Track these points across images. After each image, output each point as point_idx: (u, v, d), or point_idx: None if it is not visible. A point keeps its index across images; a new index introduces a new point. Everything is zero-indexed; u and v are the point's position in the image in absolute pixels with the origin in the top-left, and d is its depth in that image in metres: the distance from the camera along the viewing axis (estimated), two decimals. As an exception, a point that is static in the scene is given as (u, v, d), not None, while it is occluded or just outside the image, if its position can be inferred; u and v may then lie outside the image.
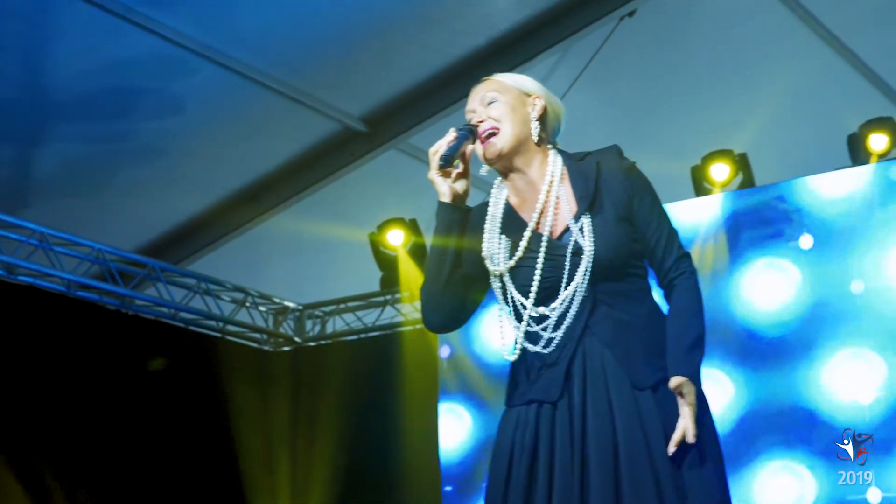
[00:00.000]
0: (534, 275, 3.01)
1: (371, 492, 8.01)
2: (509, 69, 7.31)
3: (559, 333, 2.99)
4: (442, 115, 7.73)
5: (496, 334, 3.13)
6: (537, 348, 3.01)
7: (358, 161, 8.05)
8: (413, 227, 7.95)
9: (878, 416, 5.95)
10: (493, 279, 3.08)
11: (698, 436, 2.90)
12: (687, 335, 2.97)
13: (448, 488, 7.09)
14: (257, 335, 8.73)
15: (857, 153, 6.76)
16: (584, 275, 2.97)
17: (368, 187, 8.27)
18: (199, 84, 7.21)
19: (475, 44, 7.42)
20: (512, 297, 3.04)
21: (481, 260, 3.09)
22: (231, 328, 8.50)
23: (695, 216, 6.64)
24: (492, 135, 3.09)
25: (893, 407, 5.94)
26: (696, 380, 2.94)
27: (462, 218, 3.10)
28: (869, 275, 6.09)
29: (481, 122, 3.11)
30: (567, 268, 2.98)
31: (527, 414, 3.02)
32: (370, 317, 8.53)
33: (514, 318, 3.05)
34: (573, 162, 3.11)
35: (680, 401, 2.92)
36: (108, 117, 7.31)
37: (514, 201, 3.13)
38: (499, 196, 3.16)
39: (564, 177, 3.09)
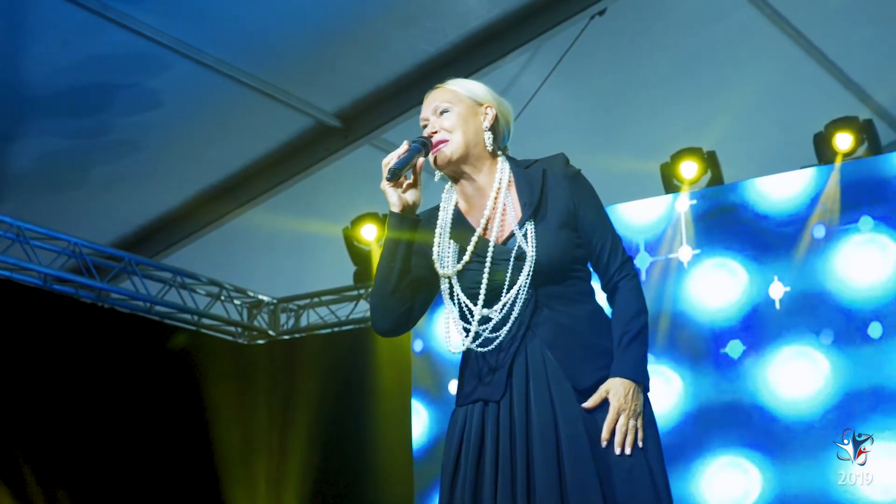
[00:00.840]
0: (480, 278, 3.10)
1: (345, 484, 8.04)
2: (482, 67, 7.47)
3: (501, 334, 3.08)
4: (415, 111, 7.57)
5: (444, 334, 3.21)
6: (481, 349, 3.10)
7: (332, 156, 8.10)
8: (386, 221, 7.95)
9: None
10: (441, 281, 3.16)
11: (642, 438, 3.02)
12: (626, 335, 3.08)
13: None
14: (232, 328, 8.76)
15: (822, 152, 6.82)
16: (527, 278, 3.06)
17: (343, 183, 8.31)
18: (174, 80, 7.23)
19: (449, 41, 7.47)
20: (459, 299, 3.12)
21: (430, 263, 3.17)
22: (206, 321, 8.53)
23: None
24: (442, 142, 3.15)
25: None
26: (635, 378, 3.05)
27: (411, 227, 3.15)
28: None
29: (434, 133, 3.16)
30: (510, 271, 3.07)
31: (473, 412, 3.11)
32: (344, 310, 8.56)
33: (460, 319, 3.13)
34: (520, 169, 3.19)
35: (609, 396, 3.02)
36: (84, 112, 7.33)
37: (462, 206, 3.20)
38: (448, 201, 3.23)
39: (511, 184, 3.17)
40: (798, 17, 7.50)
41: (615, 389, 3.02)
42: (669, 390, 6.49)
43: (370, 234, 8.00)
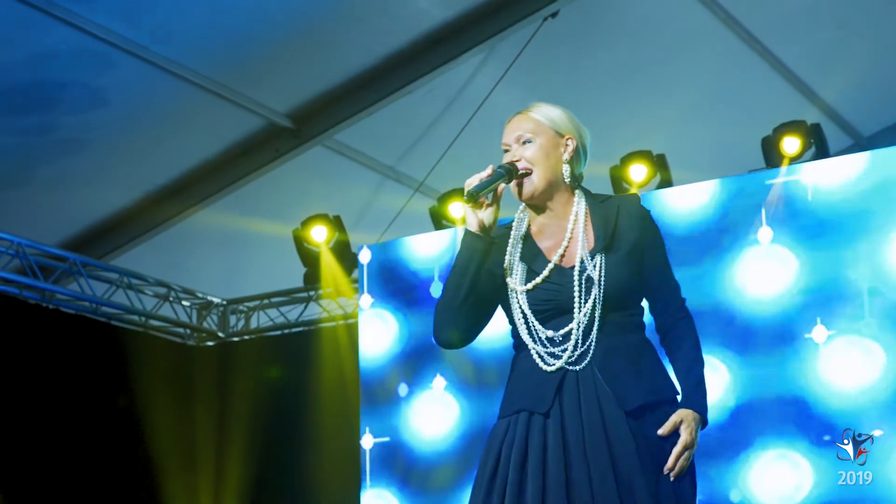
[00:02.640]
0: (549, 297, 3.21)
1: (293, 488, 8.00)
2: (435, 67, 7.47)
3: (564, 354, 3.18)
4: (368, 112, 7.76)
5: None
6: (542, 366, 3.20)
7: (284, 157, 8.06)
8: (337, 223, 7.94)
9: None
10: (510, 296, 3.27)
11: (684, 471, 3.16)
12: (693, 372, 3.25)
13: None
14: (180, 330, 8.70)
15: (770, 155, 6.84)
16: (593, 304, 3.17)
17: (294, 183, 8.28)
18: (121, 78, 7.17)
19: (401, 41, 7.45)
20: (526, 317, 3.23)
21: (496, 280, 3.27)
22: (154, 323, 8.47)
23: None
24: (525, 176, 3.24)
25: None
26: (703, 415, 3.21)
27: (485, 247, 3.22)
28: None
29: (516, 161, 3.24)
30: (578, 296, 3.18)
31: (517, 423, 3.20)
32: (294, 312, 8.52)
33: (526, 334, 3.24)
34: (596, 203, 3.29)
35: (681, 427, 3.16)
36: (29, 110, 7.26)
37: (533, 230, 3.31)
38: (521, 223, 3.33)
39: (587, 216, 3.27)
40: (751, 20, 7.52)
41: (688, 422, 3.17)
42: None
43: (320, 236, 7.93)
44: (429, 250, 7.10)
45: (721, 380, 6.15)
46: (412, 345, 7.11)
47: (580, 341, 3.17)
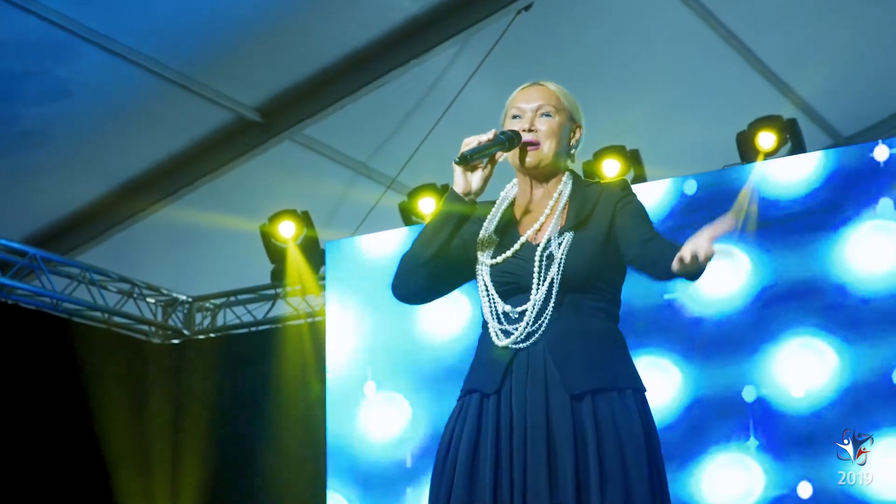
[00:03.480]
0: (510, 272, 3.18)
1: (255, 488, 7.95)
2: (407, 60, 7.42)
3: (516, 332, 3.14)
4: (338, 105, 7.67)
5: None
6: (496, 341, 3.17)
7: (252, 152, 7.96)
8: (305, 219, 7.86)
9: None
10: (477, 270, 3.25)
11: (639, 445, 3.05)
12: None
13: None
14: (145, 327, 8.62)
15: (746, 151, 6.77)
16: (551, 282, 3.13)
17: (263, 179, 8.18)
18: (85, 69, 7.05)
19: (373, 34, 7.35)
20: (486, 288, 3.21)
21: (469, 250, 3.26)
22: (117, 320, 8.39)
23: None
24: (535, 145, 3.22)
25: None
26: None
27: (464, 209, 3.20)
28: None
29: (525, 130, 3.22)
30: (537, 273, 3.14)
31: (469, 403, 3.18)
32: (261, 310, 8.45)
33: (487, 309, 3.21)
34: (581, 186, 3.27)
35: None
36: (-11, 101, 7.14)
37: (517, 205, 3.31)
38: (507, 197, 3.32)
39: (570, 197, 3.26)
40: (728, 15, 7.44)
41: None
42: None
43: (288, 232, 7.83)
44: (399, 247, 7.04)
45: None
46: (380, 342, 7.07)
47: (533, 320, 3.13)
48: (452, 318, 6.83)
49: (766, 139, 6.68)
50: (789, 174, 6.32)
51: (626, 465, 3.01)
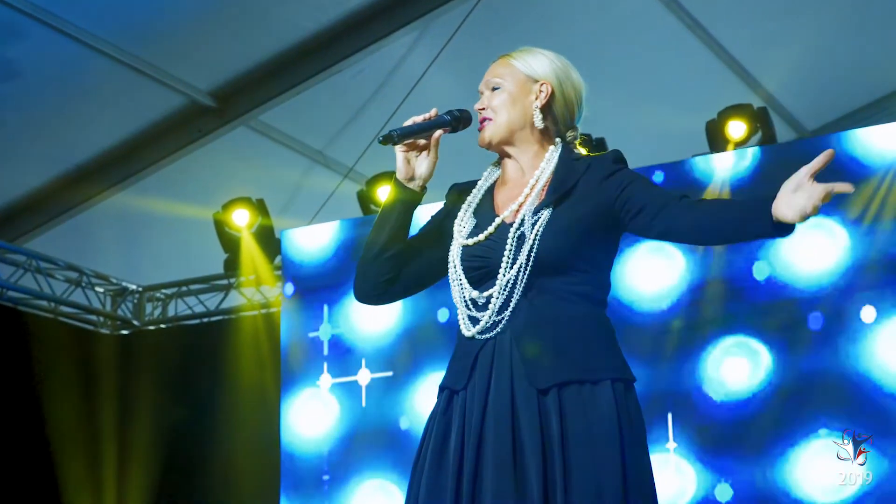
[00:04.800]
0: (480, 255, 3.00)
1: (208, 481, 7.86)
2: (366, 45, 7.34)
3: (483, 319, 2.96)
4: (293, 91, 7.58)
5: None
6: (464, 331, 3.00)
7: (206, 138, 7.85)
8: (260, 207, 7.74)
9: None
10: (451, 250, 3.06)
11: (611, 438, 2.84)
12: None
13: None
14: (93, 317, 8.50)
15: (715, 140, 6.70)
16: (521, 265, 2.93)
17: (217, 165, 8.07)
18: (31, 50, 6.91)
19: (330, 18, 7.26)
20: (456, 271, 3.03)
21: (442, 238, 3.08)
22: (65, 309, 8.27)
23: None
24: (487, 121, 3.07)
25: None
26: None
27: (407, 199, 3.06)
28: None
29: (483, 108, 3.07)
30: (507, 256, 2.95)
31: (440, 402, 3.03)
32: (213, 300, 8.35)
33: (456, 294, 3.03)
34: (570, 159, 3.05)
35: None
36: (-70, 81, 6.98)
37: (500, 184, 3.12)
38: (488, 178, 3.15)
39: (552, 173, 3.05)
40: (694, 5, 7.37)
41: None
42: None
43: (242, 220, 7.70)
44: (355, 235, 7.01)
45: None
46: (337, 333, 7.00)
47: (499, 307, 2.93)
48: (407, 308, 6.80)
49: (737, 128, 6.61)
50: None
51: (596, 459, 2.82)
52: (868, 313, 5.85)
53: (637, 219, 2.92)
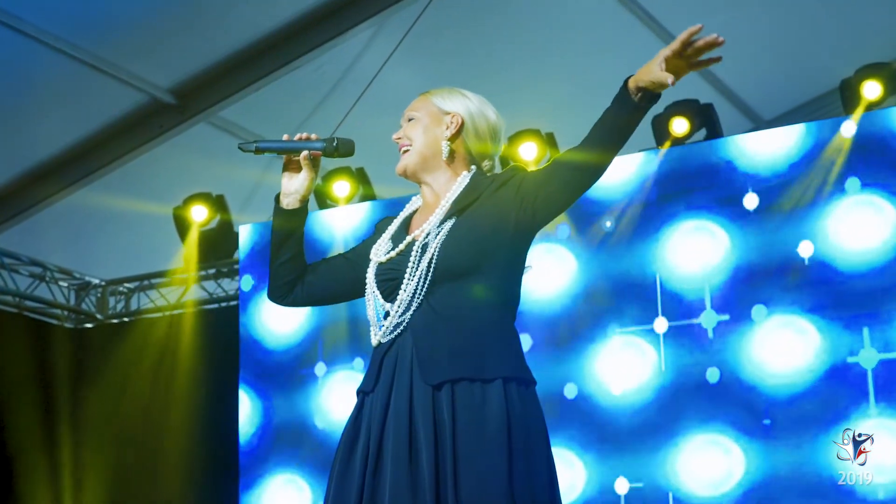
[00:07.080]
0: (390, 269, 3.19)
1: (168, 473, 7.87)
2: (323, 42, 7.34)
3: (387, 322, 3.14)
4: (253, 87, 7.58)
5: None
6: (374, 340, 3.19)
7: (166, 134, 7.85)
8: (219, 202, 7.78)
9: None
10: (367, 270, 3.27)
11: (499, 435, 2.97)
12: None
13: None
14: (57, 311, 8.52)
15: (660, 135, 6.73)
16: (423, 274, 3.10)
17: (177, 161, 8.08)
18: (-11, 48, 6.89)
19: (288, 15, 7.28)
20: (372, 289, 3.23)
21: (358, 259, 3.31)
22: (28, 304, 8.29)
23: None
24: (404, 149, 3.28)
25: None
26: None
27: (280, 215, 3.33)
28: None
29: (399, 138, 3.30)
30: (411, 267, 3.13)
31: (356, 405, 3.19)
32: (175, 294, 8.37)
33: (371, 310, 3.23)
34: (478, 181, 3.24)
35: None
36: None
37: (419, 210, 3.32)
38: (412, 207, 3.37)
39: (460, 194, 3.23)
40: (650, 1, 7.42)
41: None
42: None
43: (200, 215, 7.76)
44: (309, 229, 6.94)
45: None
46: (306, 327, 7.08)
47: (402, 311, 3.12)
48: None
49: (680, 125, 6.64)
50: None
51: (483, 455, 2.93)
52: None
53: (545, 192, 3.09)
